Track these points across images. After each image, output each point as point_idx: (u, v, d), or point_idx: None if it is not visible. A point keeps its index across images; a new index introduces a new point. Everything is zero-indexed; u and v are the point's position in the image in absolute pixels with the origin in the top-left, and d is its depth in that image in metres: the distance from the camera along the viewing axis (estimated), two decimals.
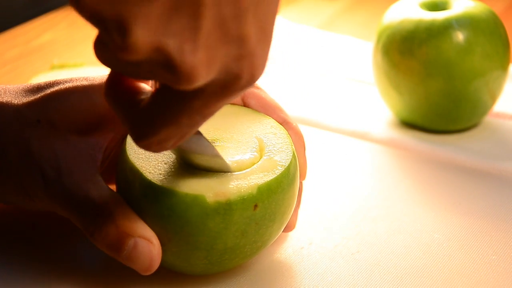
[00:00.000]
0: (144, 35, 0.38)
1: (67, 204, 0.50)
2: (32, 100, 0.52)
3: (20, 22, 0.96)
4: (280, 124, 0.54)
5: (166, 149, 0.44)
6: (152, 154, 0.50)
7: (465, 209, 0.61)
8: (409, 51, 0.69)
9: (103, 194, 0.50)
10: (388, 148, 0.70)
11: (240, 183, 0.49)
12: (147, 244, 0.48)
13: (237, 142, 0.52)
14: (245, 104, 0.55)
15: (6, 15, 0.67)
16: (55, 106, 0.51)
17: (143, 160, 0.50)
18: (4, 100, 0.52)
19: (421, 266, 0.55)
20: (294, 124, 0.55)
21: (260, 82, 0.69)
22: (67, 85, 0.52)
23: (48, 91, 0.52)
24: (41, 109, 0.51)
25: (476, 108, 0.70)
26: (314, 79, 0.83)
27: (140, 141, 0.43)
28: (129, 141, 0.51)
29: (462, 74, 0.68)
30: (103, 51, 0.41)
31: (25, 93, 0.53)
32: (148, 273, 0.49)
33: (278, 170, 0.50)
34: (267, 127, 0.53)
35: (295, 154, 0.52)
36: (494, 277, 0.53)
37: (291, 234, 0.58)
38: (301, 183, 0.56)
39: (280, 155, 0.51)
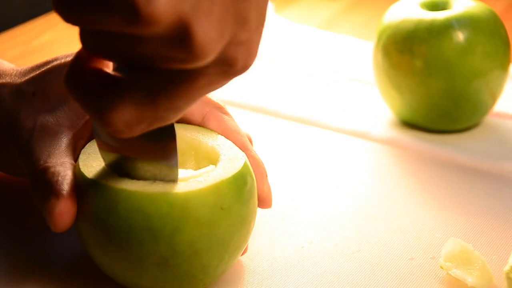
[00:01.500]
0: (167, 4, 0.37)
1: (27, 169, 0.52)
2: (31, 76, 0.56)
3: (20, 22, 0.96)
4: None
5: (134, 133, 0.43)
6: (100, 164, 0.50)
7: (465, 209, 0.61)
8: (410, 51, 0.69)
9: (59, 171, 0.50)
10: (388, 147, 0.70)
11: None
12: (55, 200, 0.49)
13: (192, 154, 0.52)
14: (204, 124, 0.54)
15: (6, 15, 0.67)
16: (50, 79, 0.55)
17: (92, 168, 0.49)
18: (10, 81, 0.56)
19: (421, 265, 0.55)
20: (252, 152, 0.53)
21: (260, 82, 0.69)
22: (64, 60, 0.56)
23: (47, 66, 0.56)
24: (38, 83, 0.55)
25: (477, 108, 0.70)
26: (314, 79, 0.83)
27: (109, 122, 0.42)
28: (82, 158, 0.51)
29: (462, 74, 0.68)
30: (94, 36, 0.41)
31: (28, 72, 0.57)
32: (57, 230, 0.49)
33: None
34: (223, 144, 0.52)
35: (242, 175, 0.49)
36: (494, 276, 0.53)
37: (291, 234, 0.58)
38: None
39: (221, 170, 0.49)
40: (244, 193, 0.49)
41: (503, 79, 0.70)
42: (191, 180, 0.48)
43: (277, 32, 0.93)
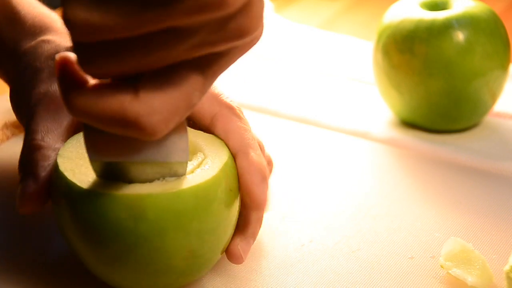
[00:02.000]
0: None
1: (25, 134, 0.53)
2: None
3: None
4: (238, 151, 0.51)
5: (170, 129, 0.41)
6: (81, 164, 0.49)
7: (465, 208, 0.61)
8: (410, 51, 0.69)
9: (49, 156, 0.51)
10: (388, 147, 0.70)
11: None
12: (31, 181, 0.49)
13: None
14: (212, 126, 0.53)
15: None
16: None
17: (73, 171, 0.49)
18: (53, 38, 0.58)
19: (421, 264, 0.55)
20: (254, 153, 0.51)
21: (260, 82, 0.69)
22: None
23: None
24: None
25: (477, 107, 0.70)
26: (314, 79, 0.83)
27: (148, 125, 0.40)
28: (61, 157, 0.50)
29: (462, 74, 0.68)
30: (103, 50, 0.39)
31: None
32: (22, 211, 0.50)
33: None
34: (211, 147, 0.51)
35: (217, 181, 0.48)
36: (495, 276, 0.53)
37: (291, 232, 0.58)
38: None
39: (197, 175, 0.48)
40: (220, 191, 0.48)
41: (503, 79, 0.70)
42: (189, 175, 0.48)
43: (277, 32, 0.93)
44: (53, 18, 0.61)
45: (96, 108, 0.41)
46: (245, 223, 0.51)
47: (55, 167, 0.49)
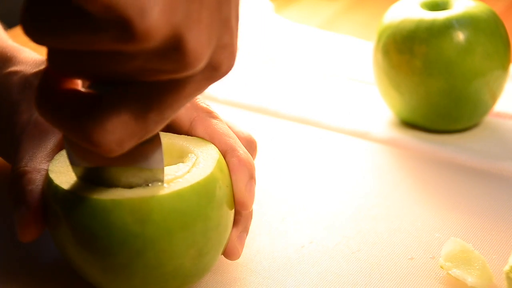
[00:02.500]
0: (160, 17, 0.37)
1: (12, 164, 0.52)
2: (40, 68, 0.56)
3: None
4: (226, 151, 0.51)
5: (125, 150, 0.42)
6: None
7: (465, 208, 0.61)
8: (410, 51, 0.69)
9: (34, 179, 0.50)
10: (388, 147, 0.70)
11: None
12: (24, 210, 0.49)
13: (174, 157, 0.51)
14: (192, 130, 0.53)
15: (6, 15, 0.67)
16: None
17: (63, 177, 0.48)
18: (23, 69, 0.57)
19: (421, 265, 0.55)
20: (241, 153, 0.52)
21: (260, 82, 0.69)
22: None
23: None
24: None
25: (477, 107, 0.70)
26: (314, 79, 0.83)
27: (99, 143, 0.41)
28: (52, 168, 0.49)
29: (462, 74, 0.68)
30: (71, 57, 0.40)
31: (41, 63, 0.57)
32: (22, 239, 0.49)
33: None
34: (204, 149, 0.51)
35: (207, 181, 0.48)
36: (495, 276, 0.53)
37: (291, 233, 0.58)
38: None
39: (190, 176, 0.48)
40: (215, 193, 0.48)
41: (503, 79, 0.70)
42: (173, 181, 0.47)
43: (277, 32, 0.93)
44: (16, 48, 0.61)
45: (57, 117, 0.41)
46: (236, 219, 0.52)
47: (48, 184, 0.48)
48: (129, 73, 0.40)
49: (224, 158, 0.51)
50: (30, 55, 0.59)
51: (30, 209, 0.49)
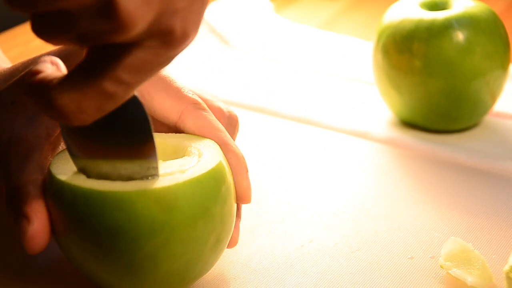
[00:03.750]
0: None
1: (3, 184, 0.51)
2: (10, 83, 0.54)
3: (20, 22, 0.96)
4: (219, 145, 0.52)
5: (90, 116, 0.42)
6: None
7: (465, 208, 0.61)
8: (410, 51, 0.69)
9: (29, 191, 0.50)
10: (388, 147, 0.70)
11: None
12: (26, 223, 0.48)
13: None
14: (181, 124, 0.53)
15: (6, 15, 0.67)
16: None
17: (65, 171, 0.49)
18: None
19: (421, 264, 0.55)
20: (233, 146, 0.52)
21: (261, 82, 0.69)
22: (33, 57, 0.55)
23: (23, 72, 0.54)
24: (16, 90, 0.54)
25: (476, 107, 0.70)
26: (314, 79, 0.83)
27: (59, 109, 0.42)
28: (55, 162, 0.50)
29: (462, 74, 0.68)
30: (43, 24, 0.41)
31: (10, 75, 0.55)
32: (30, 252, 0.49)
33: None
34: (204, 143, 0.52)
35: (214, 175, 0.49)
36: (494, 276, 0.53)
37: (291, 232, 0.58)
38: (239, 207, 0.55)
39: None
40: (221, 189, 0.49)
41: (503, 79, 0.70)
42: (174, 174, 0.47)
43: (277, 32, 0.93)
44: None
45: (33, 95, 0.43)
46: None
47: (55, 188, 0.48)
48: (81, 37, 0.41)
49: None
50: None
51: (31, 222, 0.48)
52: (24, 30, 0.93)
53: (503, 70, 0.70)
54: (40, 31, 0.42)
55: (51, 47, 0.52)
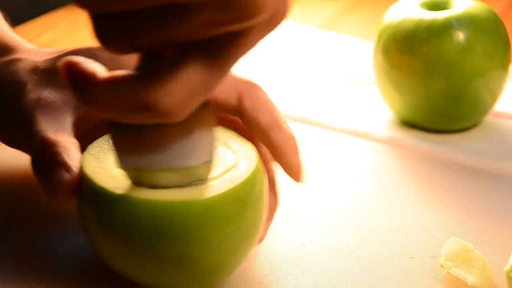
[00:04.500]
0: None
1: (28, 139, 0.51)
2: (49, 57, 0.56)
3: (20, 22, 0.96)
4: (271, 126, 0.53)
5: (188, 111, 0.40)
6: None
7: (465, 208, 0.61)
8: (410, 51, 0.69)
9: (70, 149, 0.50)
10: (388, 147, 0.70)
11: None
12: (63, 172, 0.48)
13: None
14: (240, 104, 0.53)
15: (7, 15, 0.67)
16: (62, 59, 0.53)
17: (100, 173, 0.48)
18: (23, 56, 0.57)
19: (421, 264, 0.55)
20: (284, 128, 0.53)
21: (261, 82, 0.69)
22: (79, 46, 0.56)
23: (67, 50, 0.56)
24: (52, 62, 0.55)
25: (477, 107, 0.70)
26: (314, 79, 0.83)
27: (163, 107, 0.39)
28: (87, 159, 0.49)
29: (462, 74, 0.68)
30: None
31: (47, 54, 0.57)
32: (61, 201, 0.48)
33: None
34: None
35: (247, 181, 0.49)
36: (495, 276, 0.53)
37: (291, 232, 0.58)
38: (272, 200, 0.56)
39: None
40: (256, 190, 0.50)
41: (503, 79, 0.70)
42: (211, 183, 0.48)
43: (277, 32, 0.93)
44: (17, 39, 0.60)
45: (111, 96, 0.40)
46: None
47: (89, 188, 0.48)
48: (190, 33, 0.39)
49: (269, 134, 0.52)
50: (32, 46, 0.60)
51: (71, 171, 0.48)
52: (25, 30, 0.93)
53: (503, 70, 0.70)
54: (117, 38, 0.39)
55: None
